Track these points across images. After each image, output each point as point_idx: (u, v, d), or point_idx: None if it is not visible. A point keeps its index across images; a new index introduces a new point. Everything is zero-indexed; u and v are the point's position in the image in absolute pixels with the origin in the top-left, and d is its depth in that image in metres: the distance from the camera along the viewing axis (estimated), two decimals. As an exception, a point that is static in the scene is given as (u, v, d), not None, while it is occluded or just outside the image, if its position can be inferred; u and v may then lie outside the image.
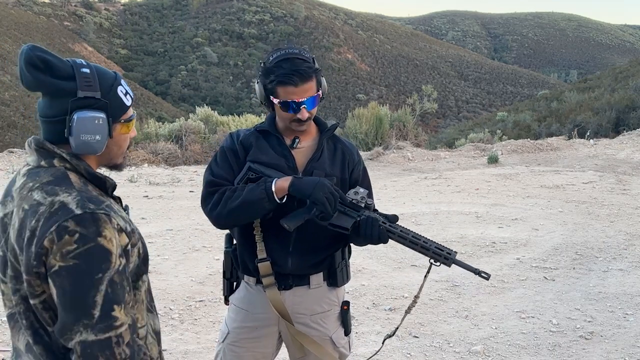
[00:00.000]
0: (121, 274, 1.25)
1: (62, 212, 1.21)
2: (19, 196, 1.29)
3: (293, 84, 1.81)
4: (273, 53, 1.88)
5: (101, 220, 1.23)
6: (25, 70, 1.28)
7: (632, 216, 6.95)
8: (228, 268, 2.06)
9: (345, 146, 2.05)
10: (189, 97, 67.50)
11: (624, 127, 19.08)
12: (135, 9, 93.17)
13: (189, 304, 4.25)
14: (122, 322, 1.23)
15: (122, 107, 1.38)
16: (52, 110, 1.31)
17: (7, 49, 55.05)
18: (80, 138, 1.29)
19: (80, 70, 1.31)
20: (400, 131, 14.83)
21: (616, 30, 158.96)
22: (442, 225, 6.55)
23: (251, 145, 1.94)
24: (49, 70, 1.28)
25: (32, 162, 1.33)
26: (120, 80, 1.39)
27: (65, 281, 1.19)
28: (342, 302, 2.06)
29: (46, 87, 1.29)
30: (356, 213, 1.87)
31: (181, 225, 6.40)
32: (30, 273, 1.22)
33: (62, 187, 1.26)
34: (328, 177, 1.92)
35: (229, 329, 2.02)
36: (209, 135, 14.41)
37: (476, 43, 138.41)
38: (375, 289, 4.58)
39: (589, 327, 3.95)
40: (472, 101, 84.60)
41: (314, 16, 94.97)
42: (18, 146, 12.83)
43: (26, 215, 1.25)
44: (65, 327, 1.20)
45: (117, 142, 1.40)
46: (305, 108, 1.85)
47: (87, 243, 1.20)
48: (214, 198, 1.88)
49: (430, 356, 3.55)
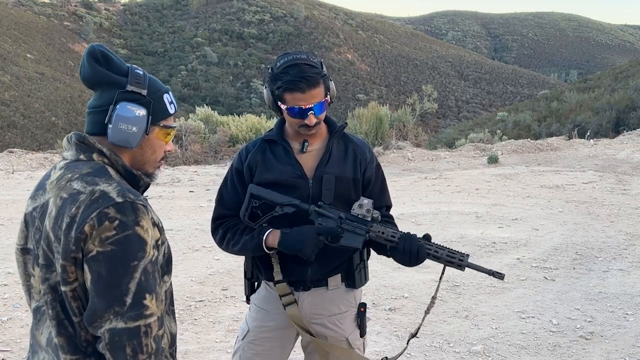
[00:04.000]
0: (154, 265, 1.29)
1: (103, 199, 1.26)
2: (56, 187, 1.34)
3: (300, 91, 1.81)
4: (280, 58, 1.87)
5: (140, 210, 1.28)
6: (85, 62, 1.39)
7: (632, 216, 6.95)
8: (249, 268, 2.07)
9: (356, 145, 2.04)
10: (189, 97, 67.44)
11: (624, 127, 19.09)
12: (135, 9, 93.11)
13: (189, 304, 4.25)
14: (152, 312, 1.26)
15: (164, 112, 1.45)
16: (99, 100, 1.39)
17: (7, 49, 54.99)
18: (118, 126, 1.35)
19: (135, 70, 1.41)
20: (400, 131, 14.83)
21: (616, 30, 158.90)
22: (442, 225, 6.55)
23: (257, 164, 1.96)
24: (107, 63, 1.39)
25: (70, 157, 1.39)
26: (169, 91, 1.48)
27: (102, 266, 1.23)
28: (359, 304, 2.06)
29: (101, 78, 1.38)
30: (365, 228, 1.88)
31: (181, 225, 6.40)
32: (67, 258, 1.25)
33: (102, 178, 1.32)
34: (338, 180, 1.93)
35: (249, 327, 2.05)
36: (209, 135, 14.40)
37: (476, 43, 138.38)
38: (375, 289, 4.57)
39: (589, 327, 3.95)
40: (472, 101, 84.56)
41: (314, 16, 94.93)
42: (18, 146, 12.82)
43: (65, 203, 1.29)
44: (96, 314, 1.23)
45: (152, 146, 1.45)
46: (312, 114, 1.85)
47: (125, 230, 1.24)
48: (219, 233, 1.99)
49: (430, 356, 3.55)
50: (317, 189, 1.93)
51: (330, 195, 1.93)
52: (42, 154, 12.10)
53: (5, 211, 7.00)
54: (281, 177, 1.93)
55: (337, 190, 1.94)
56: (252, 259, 2.05)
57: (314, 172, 1.94)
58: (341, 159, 1.99)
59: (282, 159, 1.95)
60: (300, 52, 1.87)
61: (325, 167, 1.95)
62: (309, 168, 1.95)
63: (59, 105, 47.23)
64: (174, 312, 1.49)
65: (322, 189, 1.93)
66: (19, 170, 10.34)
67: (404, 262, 1.86)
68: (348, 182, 1.97)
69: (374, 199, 2.02)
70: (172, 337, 1.45)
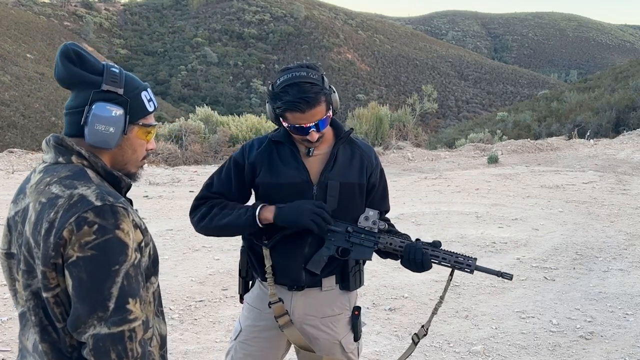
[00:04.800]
0: (136, 268, 1.26)
1: (82, 203, 1.23)
2: (35, 191, 1.31)
3: (300, 111, 1.80)
4: (281, 75, 1.84)
5: (120, 213, 1.25)
6: (59, 62, 1.35)
7: (632, 216, 6.95)
8: (244, 267, 2.06)
9: (363, 151, 2.04)
10: (189, 97, 67.50)
11: (624, 127, 19.10)
12: (135, 9, 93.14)
13: (188, 304, 4.25)
14: (137, 316, 1.24)
15: (143, 110, 1.41)
16: (76, 101, 1.36)
17: (7, 49, 54.99)
18: (95, 127, 1.32)
19: (110, 69, 1.37)
20: (400, 131, 14.83)
21: (616, 30, 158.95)
22: (442, 225, 6.55)
23: (262, 164, 1.95)
24: (81, 63, 1.35)
25: (49, 159, 1.36)
26: (147, 88, 1.44)
27: (83, 272, 1.20)
28: (354, 307, 2.05)
29: (75, 77, 1.35)
30: (373, 240, 1.91)
31: (181, 225, 6.40)
32: (47, 264, 1.23)
33: (80, 181, 1.29)
34: (342, 186, 1.94)
35: (241, 326, 2.04)
36: (209, 135, 14.40)
37: (476, 43, 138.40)
38: (375, 289, 4.57)
39: (589, 327, 3.95)
40: (472, 101, 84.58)
41: (314, 16, 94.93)
42: (18, 146, 12.83)
43: (44, 208, 1.26)
44: (79, 320, 1.21)
45: (132, 146, 1.42)
46: (314, 131, 1.85)
47: (105, 234, 1.22)
48: (202, 210, 1.96)
49: (430, 356, 3.55)
50: (322, 195, 1.93)
51: (334, 201, 1.93)
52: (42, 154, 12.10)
53: (5, 211, 7.00)
54: (286, 181, 1.92)
55: (341, 196, 1.94)
56: (247, 257, 2.04)
57: (318, 178, 1.94)
58: (347, 165, 1.98)
59: (288, 161, 1.94)
60: (301, 67, 1.84)
61: (330, 172, 1.94)
62: (314, 173, 1.94)
63: (59, 105, 47.19)
64: (163, 313, 1.47)
65: (327, 196, 1.92)
66: (19, 170, 10.34)
67: (411, 270, 1.91)
68: (353, 187, 1.96)
69: (375, 203, 2.04)
70: (162, 339, 1.43)
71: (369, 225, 1.90)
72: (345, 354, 2.03)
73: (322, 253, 1.91)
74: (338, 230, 1.90)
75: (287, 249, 1.94)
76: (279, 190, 1.92)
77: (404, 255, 1.88)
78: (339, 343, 2.01)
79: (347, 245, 1.91)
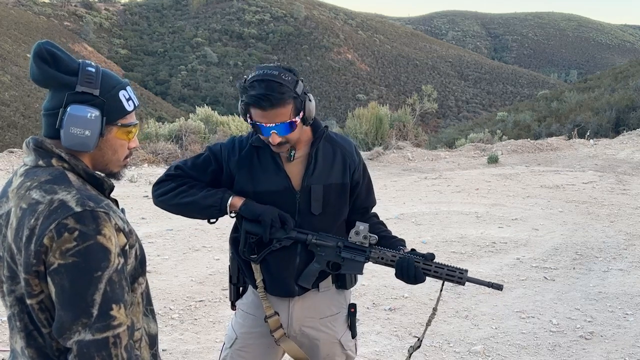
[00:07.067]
0: (120, 274, 1.24)
1: (62, 209, 1.21)
2: (16, 196, 1.29)
3: (261, 108, 1.75)
4: (255, 70, 1.81)
5: (101, 218, 1.23)
6: (32, 62, 1.32)
7: (632, 216, 6.95)
8: (235, 273, 2.05)
9: (344, 148, 1.99)
10: (189, 97, 67.46)
11: (624, 127, 19.08)
12: (135, 9, 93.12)
13: (189, 304, 4.25)
14: (121, 322, 1.23)
15: (121, 110, 1.37)
16: (51, 102, 1.33)
17: (7, 49, 55.01)
18: (70, 131, 1.29)
19: (86, 68, 1.33)
20: (400, 131, 14.82)
21: (616, 30, 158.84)
22: (442, 225, 6.55)
23: (242, 168, 1.91)
24: (55, 63, 1.31)
25: (29, 162, 1.33)
26: (126, 86, 1.40)
27: (65, 279, 1.19)
28: (349, 305, 2.05)
29: (49, 79, 1.32)
30: (364, 255, 1.91)
31: (181, 225, 6.40)
32: (29, 272, 1.21)
33: (60, 185, 1.26)
34: (325, 189, 1.91)
35: (236, 334, 2.00)
36: (209, 135, 14.41)
37: (476, 43, 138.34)
38: (375, 289, 4.58)
39: (589, 327, 3.95)
40: (472, 101, 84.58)
41: (314, 16, 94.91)
42: (18, 146, 12.83)
43: (24, 214, 1.24)
44: (64, 327, 1.20)
45: (112, 146, 1.39)
46: (275, 133, 1.78)
47: (86, 241, 1.20)
48: (170, 184, 1.91)
49: (430, 356, 3.55)
50: (306, 201, 1.90)
51: (319, 206, 1.90)
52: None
53: None
54: (267, 189, 1.89)
55: (325, 198, 1.91)
56: (237, 264, 2.02)
57: (301, 185, 1.90)
58: (328, 165, 1.93)
59: (268, 168, 1.90)
60: (276, 67, 1.78)
61: (312, 176, 1.90)
62: (295, 178, 1.90)
63: (59, 105, 47.20)
64: (153, 312, 1.45)
65: (311, 200, 1.90)
66: (19, 170, 10.34)
67: (405, 282, 1.92)
68: (336, 188, 1.94)
69: (360, 200, 2.03)
70: (151, 338, 1.42)
71: (359, 240, 1.90)
72: (344, 352, 2.03)
73: (312, 268, 1.91)
74: (329, 245, 1.90)
75: (278, 261, 1.92)
76: (259, 200, 1.89)
77: (396, 269, 1.89)
78: (339, 342, 2.01)
79: (338, 259, 1.91)
